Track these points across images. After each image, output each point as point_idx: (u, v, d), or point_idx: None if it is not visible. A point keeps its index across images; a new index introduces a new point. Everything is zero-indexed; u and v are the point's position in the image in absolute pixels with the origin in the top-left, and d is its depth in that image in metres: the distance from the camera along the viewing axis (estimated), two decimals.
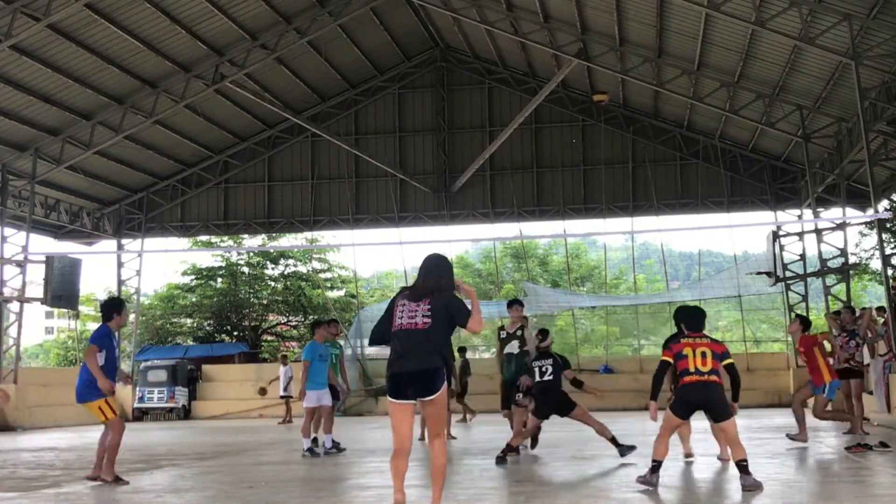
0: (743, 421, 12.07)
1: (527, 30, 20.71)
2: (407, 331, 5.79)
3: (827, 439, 12.46)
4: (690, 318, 7.96)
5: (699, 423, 9.52)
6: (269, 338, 36.55)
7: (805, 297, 23.68)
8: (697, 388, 7.52)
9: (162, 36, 19.47)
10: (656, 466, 7.46)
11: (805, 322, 12.17)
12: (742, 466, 7.17)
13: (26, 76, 19.00)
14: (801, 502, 6.59)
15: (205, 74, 21.23)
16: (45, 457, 12.57)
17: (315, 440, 11.60)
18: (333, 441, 11.69)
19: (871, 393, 15.08)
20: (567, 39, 20.56)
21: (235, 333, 34.85)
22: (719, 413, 7.58)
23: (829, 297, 21.52)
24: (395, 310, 5.91)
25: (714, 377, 7.53)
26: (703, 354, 7.56)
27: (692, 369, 7.54)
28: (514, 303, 11.78)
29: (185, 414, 25.29)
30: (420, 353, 5.73)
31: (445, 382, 5.83)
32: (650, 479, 7.38)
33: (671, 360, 7.70)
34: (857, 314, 14.59)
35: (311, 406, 11.35)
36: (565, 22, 20.26)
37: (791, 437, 11.37)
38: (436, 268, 6.01)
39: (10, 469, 10.72)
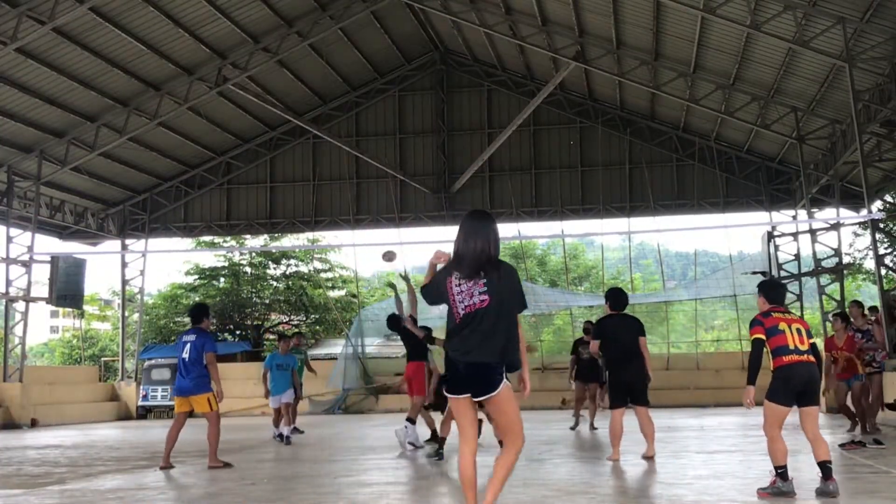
0: (741, 419, 12.27)
1: (525, 33, 20.91)
2: (467, 315, 4.87)
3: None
4: (771, 290, 7.08)
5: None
6: (272, 337, 36.74)
7: (800, 297, 23.86)
8: (797, 369, 6.62)
9: (165, 39, 19.68)
10: (783, 472, 6.62)
11: (847, 320, 12.55)
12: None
13: (32, 79, 19.21)
14: (797, 498, 6.73)
15: (208, 77, 21.45)
16: (50, 454, 12.66)
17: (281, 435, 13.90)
18: (294, 430, 14.65)
19: None
20: (565, 42, 20.77)
21: (238, 332, 35.06)
22: (816, 397, 6.72)
23: (824, 297, 21.72)
24: (450, 290, 4.97)
25: (812, 357, 6.71)
26: (799, 332, 6.69)
27: (791, 347, 6.62)
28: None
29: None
30: (483, 338, 4.85)
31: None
32: (783, 487, 6.59)
33: (764, 338, 6.73)
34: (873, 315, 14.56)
35: (275, 406, 13.98)
36: (563, 25, 20.45)
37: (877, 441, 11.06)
38: (479, 233, 4.97)
39: (15, 466, 10.81)
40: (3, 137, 20.77)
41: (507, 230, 27.25)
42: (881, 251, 19.98)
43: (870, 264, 27.88)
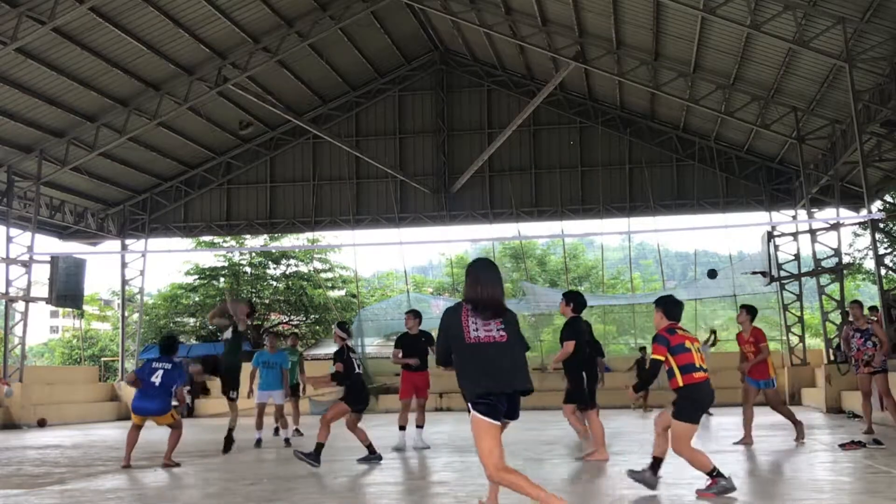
0: (741, 419, 12.21)
1: (525, 33, 20.93)
2: (486, 345, 5.32)
3: (821, 437, 12.60)
4: (672, 307, 7.12)
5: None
6: None
7: (800, 297, 23.92)
8: (706, 387, 6.81)
9: (165, 39, 19.69)
10: (718, 472, 6.68)
11: (753, 312, 11.79)
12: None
13: (31, 79, 19.21)
14: (797, 498, 6.75)
15: (207, 77, 21.46)
16: (50, 454, 12.67)
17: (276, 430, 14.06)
18: (296, 431, 14.38)
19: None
20: (565, 42, 20.78)
21: None
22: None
23: (824, 297, 21.74)
24: (464, 322, 5.37)
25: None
26: (699, 350, 6.89)
27: (697, 365, 6.76)
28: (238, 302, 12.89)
29: (189, 412, 25.50)
30: (511, 371, 5.31)
31: None
32: (726, 483, 6.64)
33: (663, 358, 6.85)
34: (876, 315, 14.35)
35: (260, 402, 13.57)
36: (563, 25, 20.46)
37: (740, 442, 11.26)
38: (491, 283, 5.47)
39: (15, 466, 10.80)
40: (3, 137, 20.78)
41: (507, 230, 27.36)
42: (881, 251, 19.99)
43: (870, 264, 27.94)
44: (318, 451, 9.38)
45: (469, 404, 5.26)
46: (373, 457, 10.00)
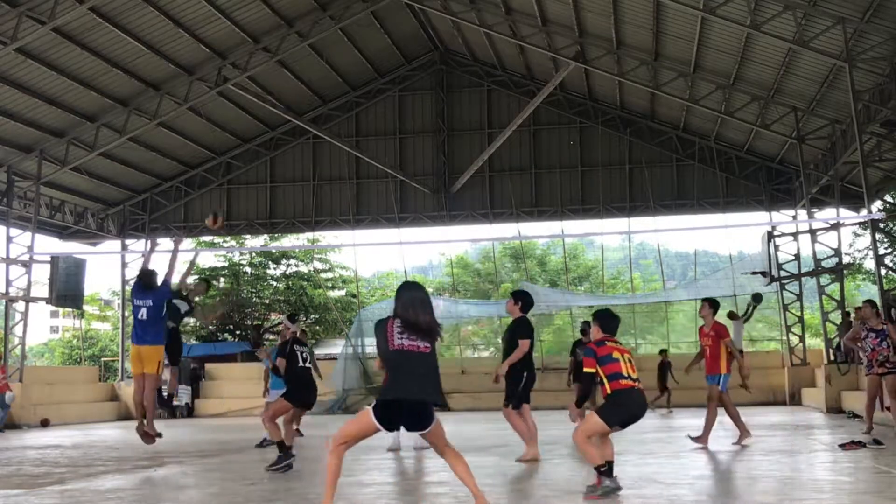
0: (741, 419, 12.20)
1: (525, 33, 20.94)
2: (409, 352, 5.57)
3: (821, 437, 12.59)
4: (608, 321, 7.23)
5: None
6: (272, 337, 36.77)
7: (800, 297, 23.94)
8: (635, 394, 6.86)
9: (165, 39, 19.70)
10: (607, 469, 6.72)
11: (716, 305, 11.44)
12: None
13: (31, 79, 19.22)
14: (797, 498, 6.74)
15: (207, 77, 21.47)
16: (50, 454, 12.66)
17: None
18: (296, 431, 13.78)
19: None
20: (565, 42, 20.79)
21: (238, 332, 35.06)
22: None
23: (824, 297, 21.74)
24: (389, 331, 5.64)
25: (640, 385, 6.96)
26: (630, 361, 6.91)
27: (625, 374, 6.80)
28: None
29: (189, 412, 25.52)
30: (425, 381, 5.56)
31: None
32: (611, 483, 6.69)
33: (594, 371, 6.86)
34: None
35: (270, 401, 13.50)
36: (563, 25, 20.47)
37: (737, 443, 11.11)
38: (425, 307, 5.68)
39: (15, 466, 10.76)
40: (3, 137, 20.78)
41: (507, 230, 27.36)
42: (881, 251, 20.01)
43: (870, 264, 27.93)
44: (282, 447, 9.11)
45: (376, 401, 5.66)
46: (285, 458, 9.12)
